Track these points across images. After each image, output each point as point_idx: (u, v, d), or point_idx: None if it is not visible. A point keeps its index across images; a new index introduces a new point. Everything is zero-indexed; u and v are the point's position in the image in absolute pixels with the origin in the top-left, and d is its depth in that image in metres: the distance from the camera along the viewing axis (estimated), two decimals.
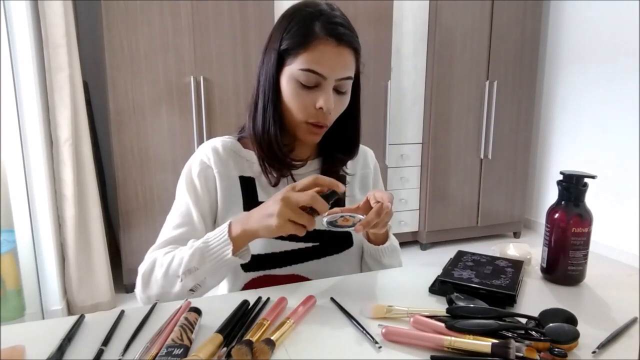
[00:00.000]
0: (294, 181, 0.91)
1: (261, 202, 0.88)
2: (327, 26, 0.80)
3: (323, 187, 0.72)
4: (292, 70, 0.81)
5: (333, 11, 0.83)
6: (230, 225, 0.77)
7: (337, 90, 0.84)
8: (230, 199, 0.90)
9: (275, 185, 0.90)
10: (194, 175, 0.90)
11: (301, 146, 0.93)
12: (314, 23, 0.80)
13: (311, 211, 0.71)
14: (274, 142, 0.86)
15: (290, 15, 0.83)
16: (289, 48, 0.81)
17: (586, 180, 0.80)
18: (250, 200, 0.91)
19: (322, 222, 0.76)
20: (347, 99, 0.87)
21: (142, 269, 0.83)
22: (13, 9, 1.97)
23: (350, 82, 0.86)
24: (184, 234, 0.87)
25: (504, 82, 3.19)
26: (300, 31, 0.80)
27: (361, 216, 0.77)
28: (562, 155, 3.46)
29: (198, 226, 0.88)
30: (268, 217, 0.72)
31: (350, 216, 0.77)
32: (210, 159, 0.90)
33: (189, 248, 0.78)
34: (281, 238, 0.88)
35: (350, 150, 0.96)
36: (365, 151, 1.06)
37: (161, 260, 0.81)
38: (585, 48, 3.20)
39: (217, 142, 0.93)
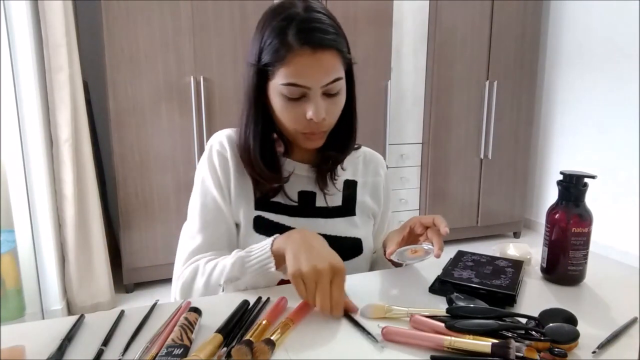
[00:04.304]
0: (286, 195, 0.89)
1: (273, 202, 0.89)
2: (299, 35, 0.75)
3: None
4: (275, 84, 0.79)
5: (307, 12, 0.77)
6: (274, 240, 0.76)
7: (328, 94, 0.80)
8: (243, 194, 0.89)
9: (262, 195, 0.89)
10: (218, 168, 0.88)
11: (298, 148, 0.91)
12: (286, 33, 0.75)
13: None
14: (254, 162, 0.85)
15: (263, 26, 0.79)
16: (267, 63, 0.78)
17: (586, 180, 0.80)
18: (263, 198, 0.89)
19: (395, 259, 0.82)
20: (341, 98, 0.83)
21: (182, 277, 0.84)
22: (13, 9, 1.97)
23: (341, 81, 0.81)
24: (216, 232, 0.86)
25: (504, 82, 3.19)
26: (274, 45, 0.77)
27: (424, 245, 0.82)
28: (562, 155, 3.46)
29: (230, 220, 0.88)
30: (303, 258, 0.68)
31: (417, 247, 0.82)
32: (226, 149, 0.89)
33: (232, 257, 0.78)
34: None
35: (344, 146, 0.91)
36: (377, 158, 1.04)
37: (203, 269, 0.82)
38: (586, 48, 3.20)
39: (232, 132, 0.92)
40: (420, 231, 0.82)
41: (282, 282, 0.87)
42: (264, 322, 0.64)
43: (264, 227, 0.88)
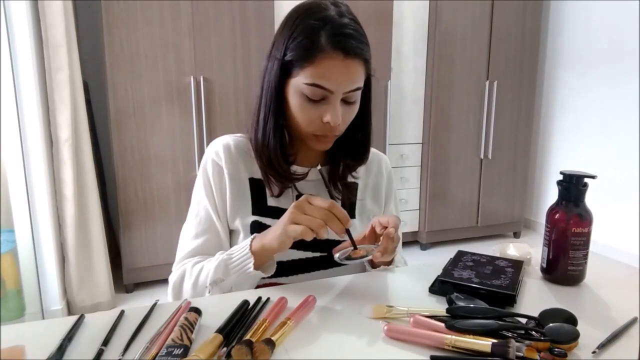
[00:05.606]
0: (298, 192, 0.90)
1: (270, 207, 0.90)
2: (333, 38, 0.75)
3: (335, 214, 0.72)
4: (298, 82, 0.78)
5: (341, 17, 0.77)
6: (252, 240, 0.79)
7: (346, 101, 0.81)
8: (239, 201, 0.89)
9: (278, 195, 0.89)
10: (211, 178, 0.89)
11: (308, 151, 0.90)
12: (319, 34, 0.75)
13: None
14: (273, 156, 0.85)
15: (294, 22, 0.78)
16: (293, 60, 0.77)
17: (586, 180, 0.80)
18: (260, 203, 0.89)
19: (335, 258, 0.77)
20: (356, 107, 0.84)
21: (172, 280, 0.87)
22: (13, 9, 1.96)
23: (360, 91, 0.82)
24: (207, 242, 0.88)
25: (504, 82, 3.19)
26: (304, 43, 0.76)
27: (373, 246, 0.78)
28: (562, 155, 3.46)
29: (220, 230, 0.89)
30: (279, 228, 0.74)
31: (361, 247, 0.78)
32: (221, 158, 0.89)
33: (215, 260, 0.80)
34: (290, 247, 0.89)
35: (360, 155, 0.93)
36: (380, 158, 1.03)
37: (190, 271, 0.84)
38: (585, 48, 3.20)
39: (230, 139, 0.92)
40: (379, 230, 0.80)
41: (279, 283, 0.87)
42: (264, 322, 0.64)
43: (260, 232, 0.88)
